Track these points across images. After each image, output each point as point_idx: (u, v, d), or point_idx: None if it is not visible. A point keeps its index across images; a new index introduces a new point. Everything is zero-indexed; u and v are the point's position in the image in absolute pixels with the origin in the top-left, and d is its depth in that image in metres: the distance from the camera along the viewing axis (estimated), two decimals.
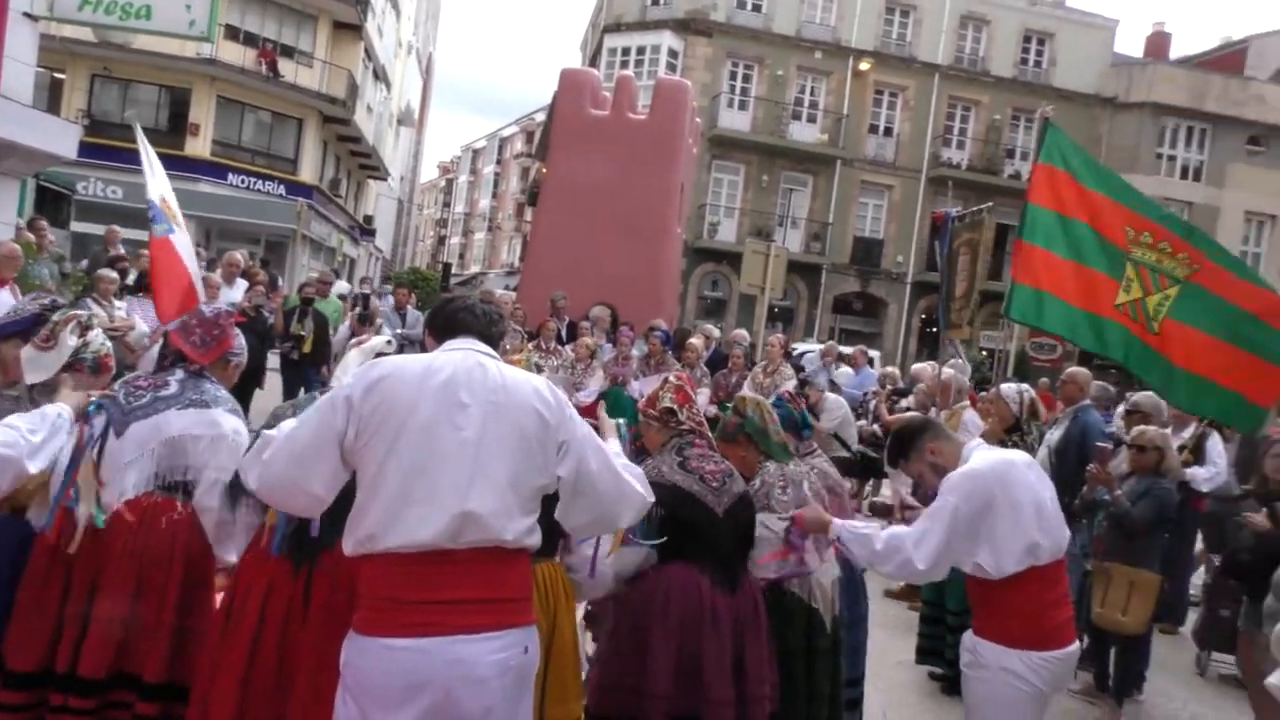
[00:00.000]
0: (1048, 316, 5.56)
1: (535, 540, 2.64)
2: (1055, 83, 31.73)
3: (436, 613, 2.44)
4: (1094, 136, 31.93)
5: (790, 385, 9.22)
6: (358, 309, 11.88)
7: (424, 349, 2.83)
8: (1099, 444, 5.86)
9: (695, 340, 10.74)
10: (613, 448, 3.17)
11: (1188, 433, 7.69)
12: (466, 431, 2.53)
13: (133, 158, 7.99)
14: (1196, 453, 7.55)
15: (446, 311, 2.83)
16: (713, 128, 29.14)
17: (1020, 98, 31.18)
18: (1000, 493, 3.35)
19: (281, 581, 2.96)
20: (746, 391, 5.06)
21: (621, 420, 3.56)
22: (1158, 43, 36.85)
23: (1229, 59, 33.81)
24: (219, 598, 3.19)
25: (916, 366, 10.06)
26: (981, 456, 3.48)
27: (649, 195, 13.86)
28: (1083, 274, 5.72)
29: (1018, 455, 3.57)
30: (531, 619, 2.64)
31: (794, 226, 30.50)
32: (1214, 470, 7.35)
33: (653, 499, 2.97)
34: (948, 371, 7.88)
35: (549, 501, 2.76)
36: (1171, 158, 32.50)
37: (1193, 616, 7.38)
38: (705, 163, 29.04)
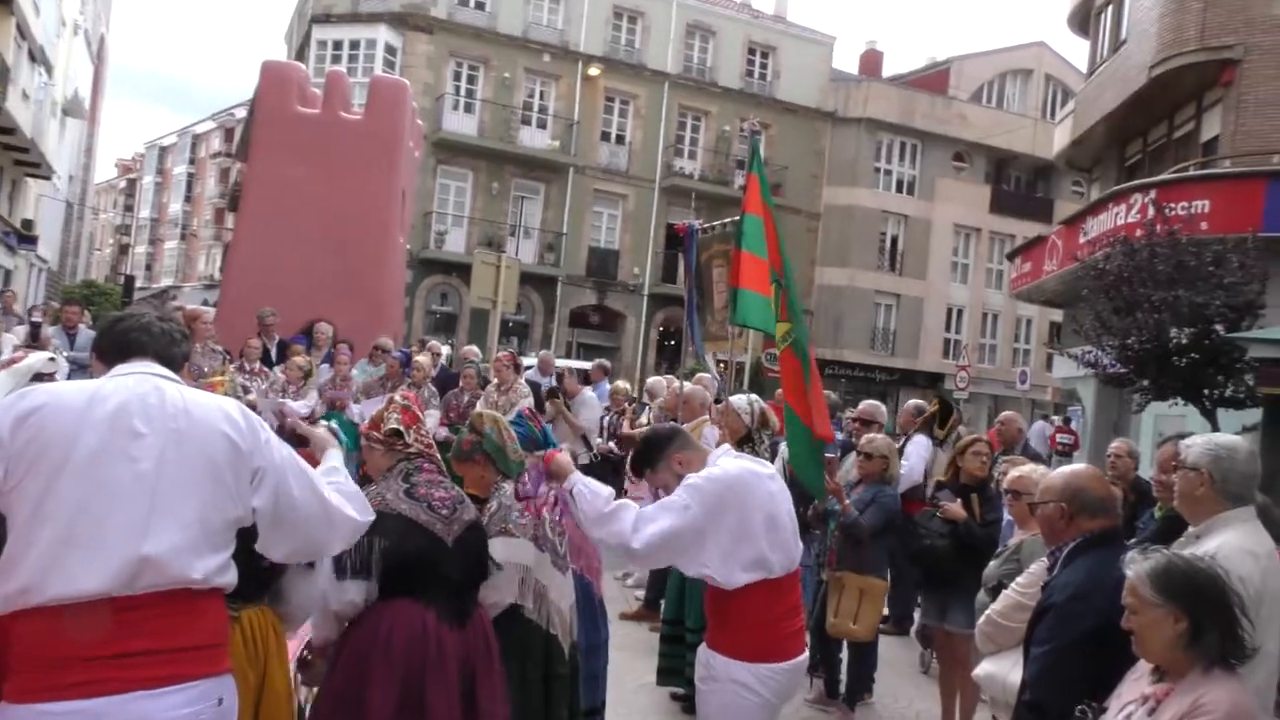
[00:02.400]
0: (753, 315, 5.90)
1: (229, 579, 2.53)
2: (779, 95, 33.96)
3: (109, 668, 2.30)
4: (817, 149, 34.48)
5: (527, 402, 9.29)
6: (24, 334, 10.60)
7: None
8: (826, 454, 6.31)
9: (422, 358, 10.58)
10: (332, 461, 3.09)
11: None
12: (143, 464, 2.42)
13: None
14: (901, 453, 8.27)
15: (116, 331, 2.66)
16: (437, 131, 28.88)
17: (747, 109, 33.08)
18: (734, 500, 3.51)
19: None
20: (483, 408, 5.05)
21: (334, 425, 3.46)
22: (871, 60, 40.35)
23: (935, 78, 37.57)
24: None
25: (652, 380, 10.39)
26: (727, 463, 3.64)
27: (366, 201, 13.54)
28: (759, 265, 6.13)
29: (762, 466, 3.75)
30: (226, 666, 2.52)
31: (527, 236, 30.80)
32: (906, 467, 8.02)
33: (370, 518, 2.93)
34: (688, 385, 8.22)
35: (251, 539, 2.65)
36: (888, 172, 35.66)
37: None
38: (430, 168, 28.73)
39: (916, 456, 8.14)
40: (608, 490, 3.56)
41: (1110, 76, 19.25)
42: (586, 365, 13.76)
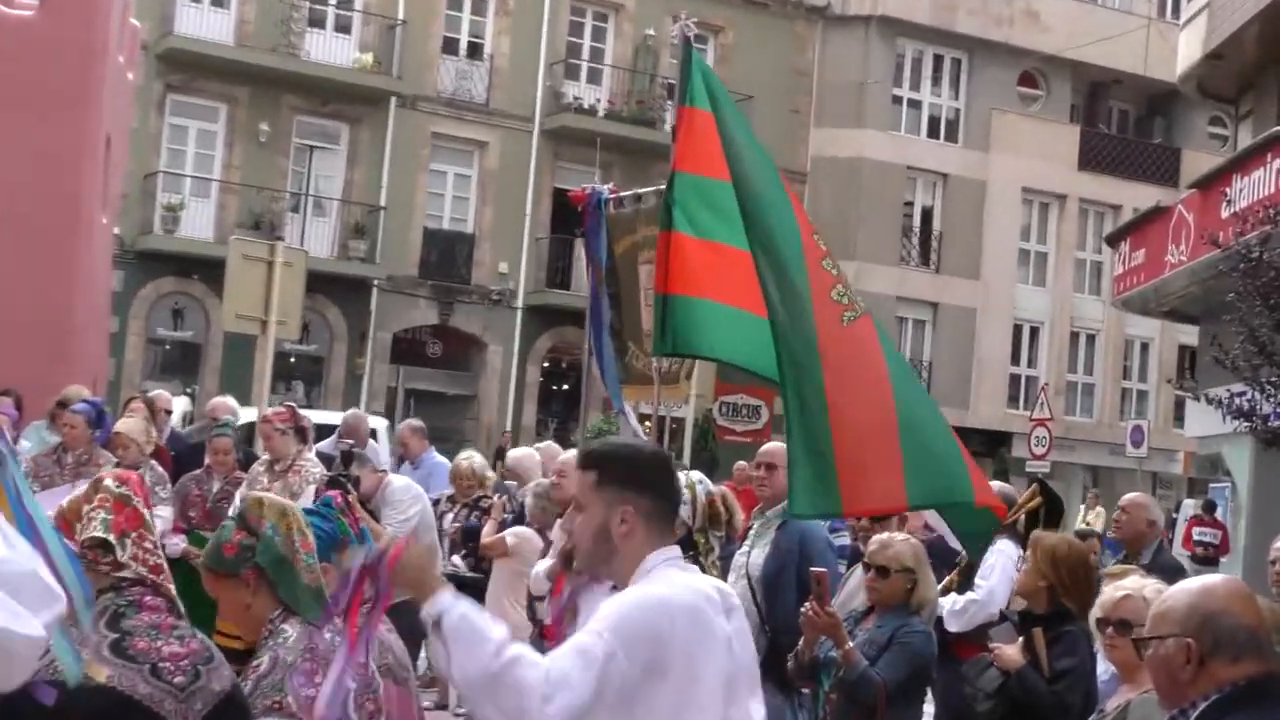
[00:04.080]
0: (706, 336, 5.98)
1: None
2: None
3: None
4: (799, 67, 34.92)
5: (318, 481, 9.24)
6: None
7: None
8: (814, 569, 6.37)
9: (130, 423, 10.40)
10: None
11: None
12: None
13: None
14: (968, 571, 8.38)
15: None
16: (165, 36, 28.68)
17: (683, 1, 33.26)
18: (680, 650, 3.55)
19: None
20: (260, 493, 5.01)
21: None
22: None
23: None
24: None
25: (517, 454, 10.42)
26: (669, 580, 3.67)
27: (41, 157, 13.41)
28: (740, 260, 6.21)
29: (711, 586, 3.82)
30: None
31: (319, 213, 30.71)
32: (982, 591, 8.16)
33: (51, 619, 2.94)
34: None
35: None
36: (915, 104, 36.43)
37: None
38: (154, 98, 28.49)
39: (1001, 573, 8.25)
40: (500, 630, 3.52)
41: None
42: (418, 423, 13.71)
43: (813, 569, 6.35)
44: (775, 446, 7.91)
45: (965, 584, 8.35)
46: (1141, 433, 26.67)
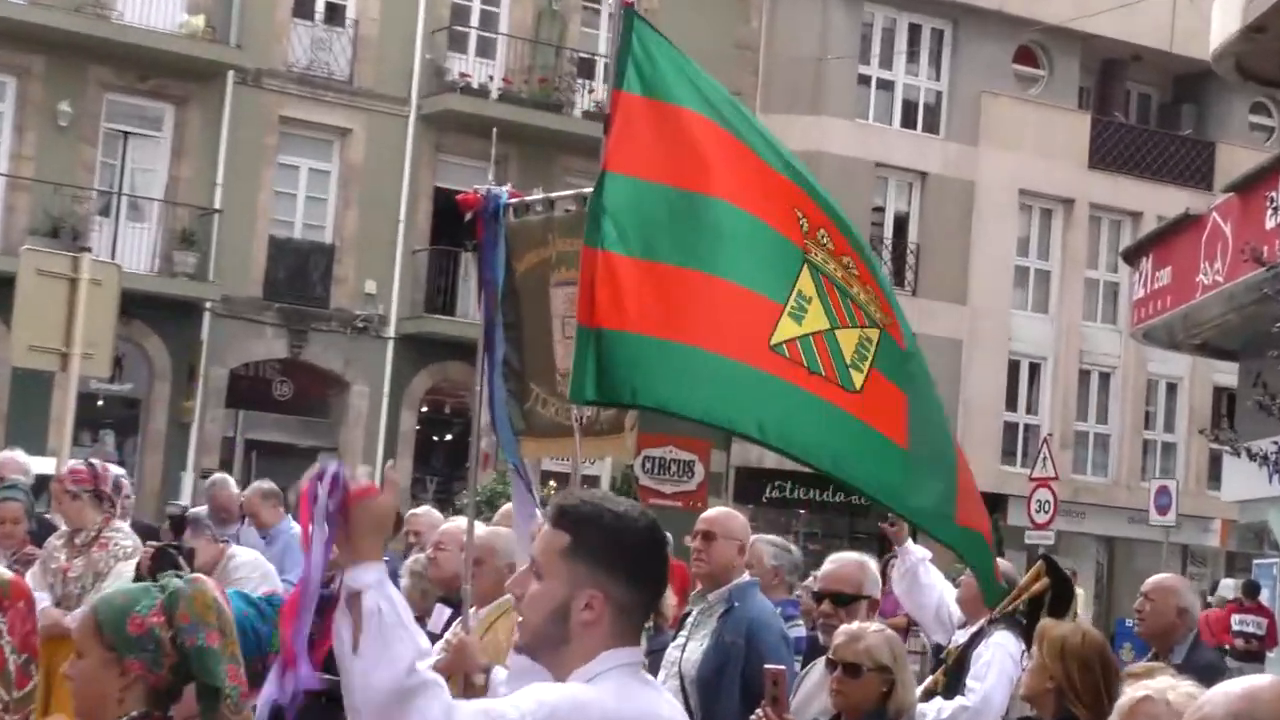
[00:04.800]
0: (643, 382, 5.94)
1: None
2: None
3: None
4: (742, 38, 35.07)
5: (131, 555, 9.22)
6: None
7: None
8: (769, 665, 6.34)
9: None
10: None
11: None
12: None
13: None
14: (957, 669, 8.37)
15: None
16: None
17: None
18: None
19: None
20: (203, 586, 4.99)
21: None
22: None
23: None
24: None
25: (419, 512, 10.43)
26: (617, 692, 3.66)
27: None
28: (700, 286, 6.21)
29: (671, 713, 3.83)
30: None
31: (136, 217, 30.67)
32: (977, 696, 8.14)
33: None
34: (483, 529, 8.16)
35: None
36: (887, 85, 36.76)
37: None
38: None
39: (998, 673, 8.26)
40: (423, 639, 3.59)
41: None
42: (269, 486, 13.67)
43: (768, 666, 6.32)
44: (718, 512, 7.86)
45: (953, 685, 8.35)
46: (1168, 496, 26.89)
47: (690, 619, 7.57)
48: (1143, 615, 9.04)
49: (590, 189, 6.87)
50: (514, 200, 8.10)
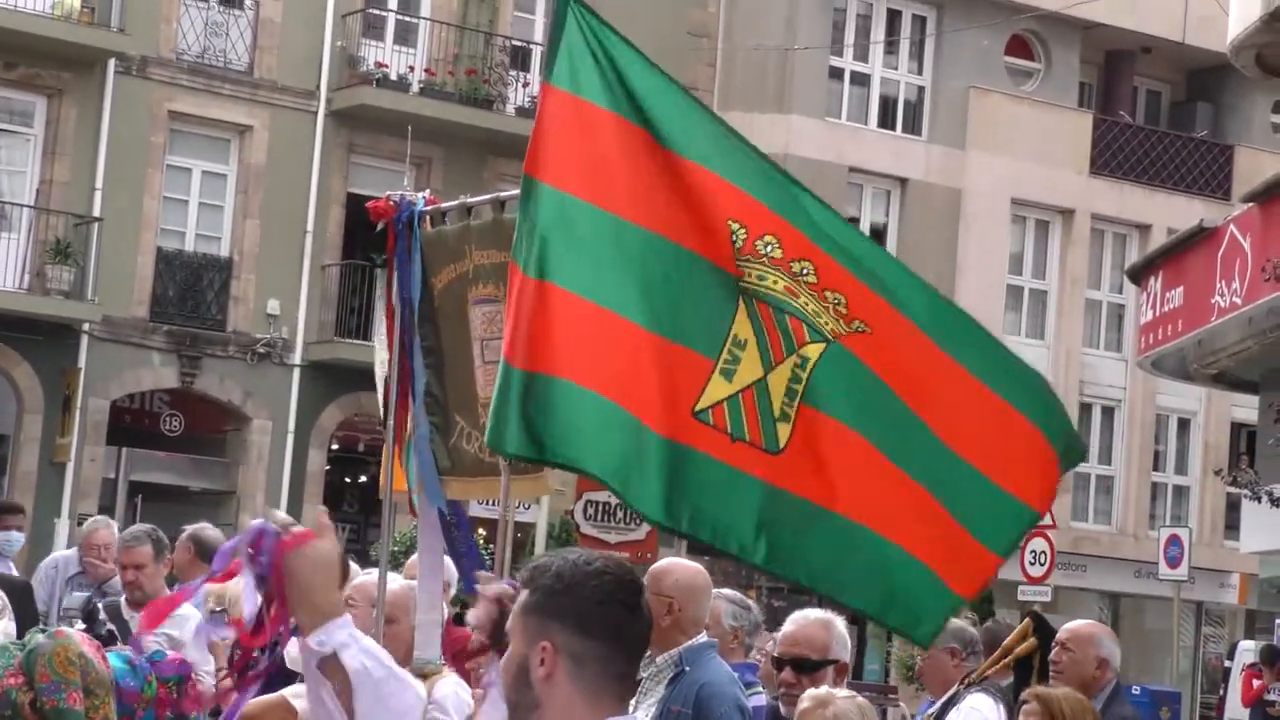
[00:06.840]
0: (560, 433, 5.97)
1: None
2: None
3: None
4: (695, 26, 35.13)
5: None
6: None
7: None
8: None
9: None
10: None
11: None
12: None
13: None
14: None
15: None
16: None
17: None
18: None
19: None
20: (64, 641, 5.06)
21: None
22: None
23: None
24: None
25: (363, 577, 10.45)
26: None
27: None
28: (626, 339, 6.25)
29: None
30: None
31: (2, 226, 30.64)
32: None
33: None
34: (413, 586, 8.19)
35: None
36: (862, 79, 37.09)
37: None
38: None
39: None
40: (416, 683, 3.75)
41: None
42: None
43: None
44: (670, 564, 7.88)
45: None
46: (1180, 546, 26.99)
47: (640, 686, 7.59)
48: (1059, 666, 9.08)
49: (509, 194, 6.90)
50: (430, 208, 8.11)
